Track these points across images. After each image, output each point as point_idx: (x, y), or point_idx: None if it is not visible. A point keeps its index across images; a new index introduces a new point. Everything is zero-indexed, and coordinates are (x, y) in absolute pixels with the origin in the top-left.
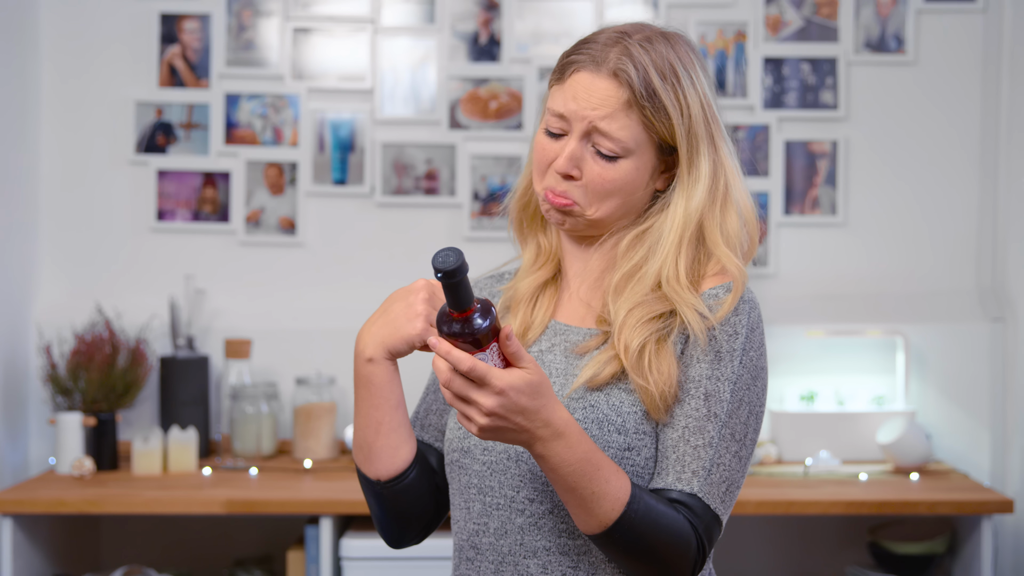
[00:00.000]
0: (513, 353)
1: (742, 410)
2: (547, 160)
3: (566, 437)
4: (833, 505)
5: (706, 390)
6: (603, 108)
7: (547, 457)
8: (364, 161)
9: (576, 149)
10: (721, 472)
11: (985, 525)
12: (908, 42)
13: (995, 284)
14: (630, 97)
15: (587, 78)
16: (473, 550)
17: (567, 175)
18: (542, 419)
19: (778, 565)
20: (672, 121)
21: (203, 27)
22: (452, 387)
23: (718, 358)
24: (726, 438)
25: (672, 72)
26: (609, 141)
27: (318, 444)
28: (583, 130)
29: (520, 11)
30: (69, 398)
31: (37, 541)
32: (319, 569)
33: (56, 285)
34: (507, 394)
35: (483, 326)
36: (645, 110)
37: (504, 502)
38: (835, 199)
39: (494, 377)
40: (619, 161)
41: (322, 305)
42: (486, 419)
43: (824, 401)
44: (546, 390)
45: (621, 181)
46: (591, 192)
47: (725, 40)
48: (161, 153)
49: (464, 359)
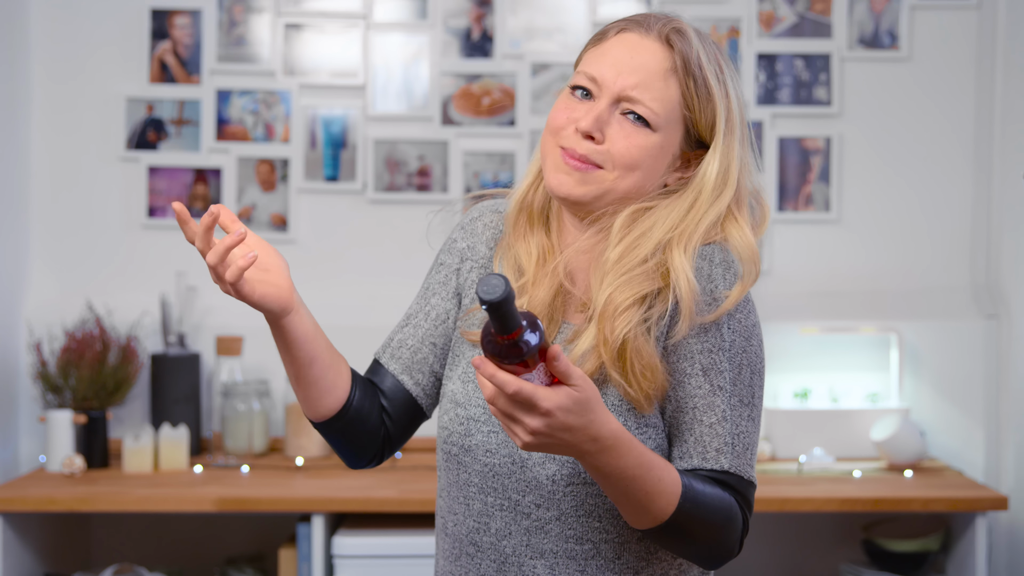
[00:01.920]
0: (562, 372)
1: (743, 374)
2: (570, 119)
3: (616, 449)
4: (827, 502)
5: (702, 364)
6: (644, 71)
7: (598, 468)
8: (356, 157)
9: (604, 112)
10: (742, 441)
11: (979, 522)
12: (902, 38)
13: (989, 281)
14: (675, 65)
15: (635, 38)
16: (473, 547)
17: (589, 135)
18: (589, 435)
19: (772, 563)
20: (715, 104)
21: (194, 23)
22: (497, 404)
23: (704, 330)
24: (736, 407)
25: (718, 63)
26: (642, 107)
27: (310, 442)
28: (616, 93)
29: (513, 7)
30: (59, 396)
31: (27, 539)
32: (311, 567)
33: (46, 282)
34: (554, 414)
35: (531, 348)
36: (689, 81)
37: (508, 504)
38: (829, 196)
39: (540, 399)
40: (647, 130)
41: (314, 302)
42: (531, 438)
43: (818, 398)
44: (594, 405)
45: (647, 150)
46: (614, 159)
47: (719, 36)
48: (152, 149)
49: (510, 382)
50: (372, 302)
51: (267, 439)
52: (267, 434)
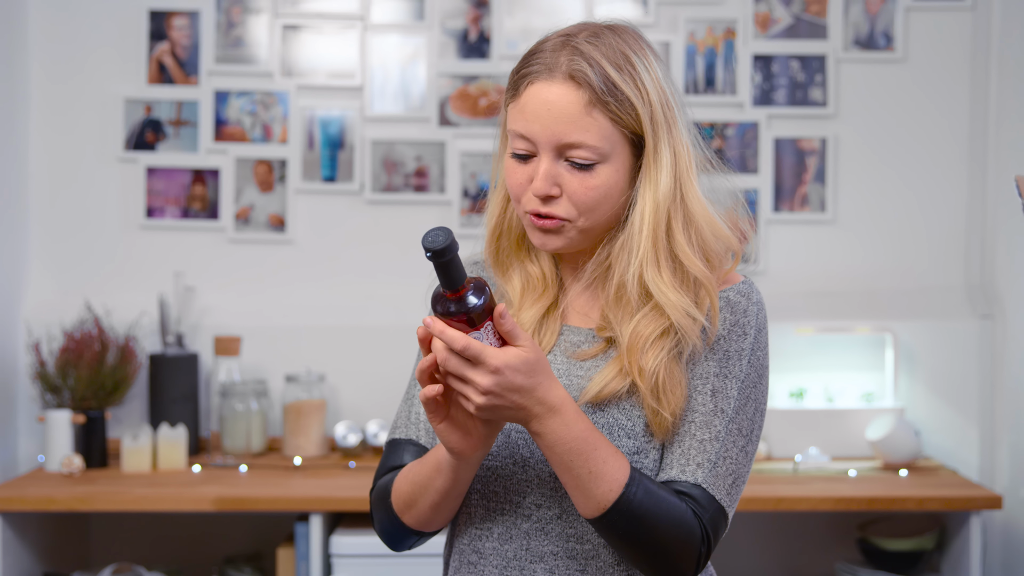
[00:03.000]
0: (508, 331)
1: (748, 407)
2: (521, 185)
3: (562, 414)
4: (822, 502)
5: (713, 387)
6: (566, 118)
7: (543, 434)
8: (354, 158)
9: (550, 167)
10: (727, 465)
11: (974, 521)
12: (897, 39)
13: (984, 281)
14: (591, 96)
15: (543, 88)
16: (476, 554)
17: (547, 196)
18: (537, 397)
19: (768, 562)
20: (637, 110)
21: (192, 24)
22: (448, 366)
23: (727, 357)
24: (733, 433)
25: (626, 60)
26: (583, 150)
27: (308, 441)
28: (553, 147)
29: (510, 8)
30: (58, 395)
31: (26, 539)
32: (309, 566)
33: (45, 282)
34: (503, 372)
35: (477, 304)
36: (609, 105)
37: (509, 507)
38: (824, 196)
39: (489, 356)
40: (597, 168)
41: (312, 302)
42: (482, 398)
43: (813, 398)
44: (542, 368)
45: (604, 187)
46: (576, 205)
47: (715, 37)
48: (150, 150)
49: (458, 338)
50: (369, 302)
51: (265, 439)
52: (265, 434)
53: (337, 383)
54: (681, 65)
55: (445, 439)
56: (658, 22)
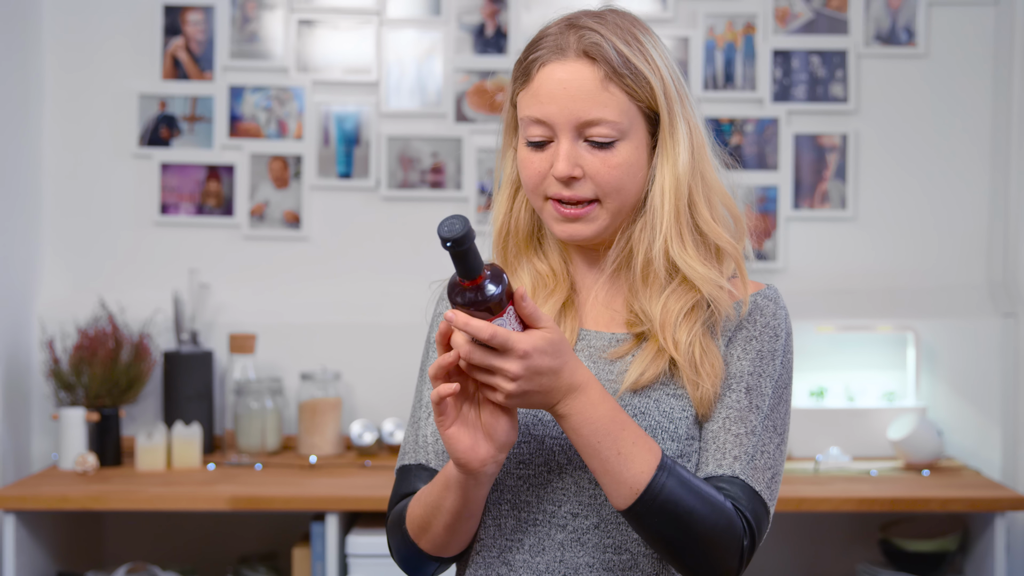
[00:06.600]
0: (530, 314)
1: (781, 407)
2: (540, 173)
3: (588, 393)
4: (844, 502)
5: (748, 384)
6: (584, 95)
7: (569, 415)
8: (369, 154)
9: (570, 148)
10: (765, 459)
11: (998, 522)
12: (919, 35)
13: (1006, 279)
14: (608, 71)
15: (557, 68)
16: (505, 566)
17: (570, 177)
18: (564, 378)
19: (788, 563)
20: (652, 84)
21: (207, 19)
22: (473, 359)
23: (760, 356)
24: (769, 429)
25: (633, 37)
26: (603, 127)
27: (323, 440)
28: (572, 126)
29: (527, 3)
30: (72, 393)
31: (40, 538)
32: (325, 566)
33: (59, 279)
34: (531, 356)
35: (496, 292)
36: (625, 79)
37: (543, 518)
38: (845, 193)
39: (516, 341)
40: (617, 145)
41: (327, 300)
42: (512, 384)
43: (834, 397)
44: (566, 348)
45: (626, 165)
46: (600, 186)
47: (734, 32)
48: (165, 146)
49: (484, 327)
50: (384, 299)
51: (280, 437)
52: (280, 432)
53: (353, 381)
54: (700, 61)
55: (453, 447)
56: (677, 17)
